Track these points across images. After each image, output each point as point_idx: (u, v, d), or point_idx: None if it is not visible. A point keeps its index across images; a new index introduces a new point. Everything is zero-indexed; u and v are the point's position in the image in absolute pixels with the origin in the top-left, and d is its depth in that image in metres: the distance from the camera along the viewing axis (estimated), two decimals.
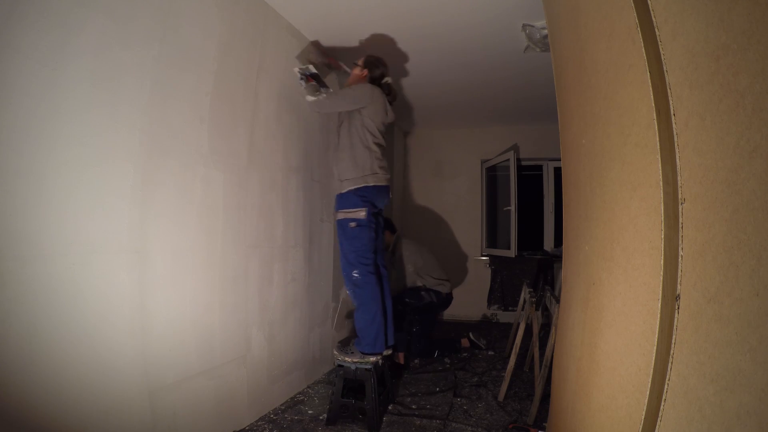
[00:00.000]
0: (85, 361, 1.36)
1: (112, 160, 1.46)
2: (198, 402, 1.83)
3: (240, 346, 2.11)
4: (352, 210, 2.24)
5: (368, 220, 2.25)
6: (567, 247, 1.57)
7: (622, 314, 0.93)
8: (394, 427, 2.17)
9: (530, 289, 3.03)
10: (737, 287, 0.62)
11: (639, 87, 0.84)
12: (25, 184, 1.21)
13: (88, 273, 1.38)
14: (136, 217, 1.54)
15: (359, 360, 2.22)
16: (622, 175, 0.96)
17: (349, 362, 2.23)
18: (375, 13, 2.45)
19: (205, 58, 1.87)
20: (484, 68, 3.24)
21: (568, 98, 1.47)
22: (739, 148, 0.62)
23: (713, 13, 0.66)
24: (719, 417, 0.63)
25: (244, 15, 2.12)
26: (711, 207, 0.67)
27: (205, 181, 1.88)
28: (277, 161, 2.44)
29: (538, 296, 3.01)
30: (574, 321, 1.36)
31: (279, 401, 2.42)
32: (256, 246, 2.23)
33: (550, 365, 2.14)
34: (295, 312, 2.61)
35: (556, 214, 4.82)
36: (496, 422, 2.23)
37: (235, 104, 2.07)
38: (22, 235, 1.20)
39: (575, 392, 1.25)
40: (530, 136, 4.89)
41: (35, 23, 1.22)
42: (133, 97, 1.53)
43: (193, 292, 1.82)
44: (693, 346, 0.69)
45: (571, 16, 1.32)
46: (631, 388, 0.85)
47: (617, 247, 0.98)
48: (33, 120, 1.22)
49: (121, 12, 1.47)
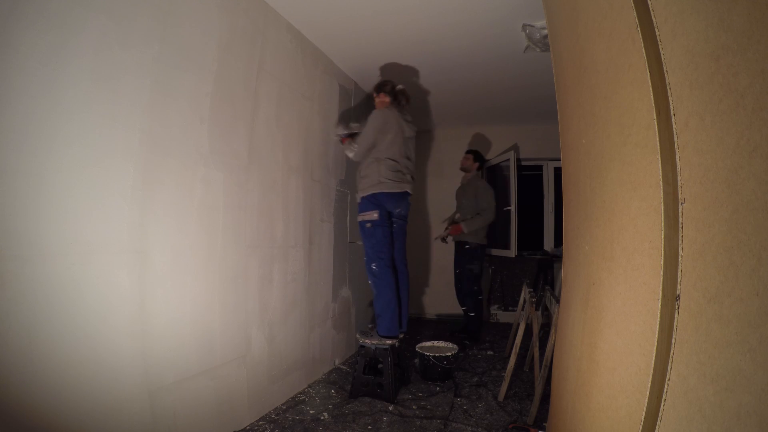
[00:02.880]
0: (85, 361, 1.36)
1: (112, 160, 1.46)
2: (198, 402, 1.83)
3: (240, 346, 2.11)
4: (366, 213, 2.70)
5: (381, 221, 2.67)
6: (567, 247, 1.57)
7: (622, 314, 0.93)
8: (395, 427, 2.17)
9: (530, 289, 3.02)
10: (737, 287, 0.62)
11: (639, 87, 0.84)
12: (25, 183, 1.21)
13: (88, 273, 1.38)
14: (136, 217, 1.54)
15: (378, 342, 2.60)
16: (622, 175, 0.96)
17: (370, 343, 2.61)
18: (375, 13, 2.45)
19: (205, 58, 1.87)
20: (484, 68, 3.23)
21: (568, 98, 1.47)
22: (739, 148, 0.62)
23: (713, 13, 0.66)
24: (719, 417, 0.63)
25: (244, 15, 2.12)
26: (711, 207, 0.67)
27: (205, 181, 1.88)
28: (277, 161, 2.44)
29: (538, 296, 3.01)
30: (574, 321, 1.36)
31: (279, 401, 2.42)
32: (256, 246, 2.23)
33: (550, 365, 2.14)
34: (295, 312, 2.61)
35: (556, 214, 4.81)
36: (496, 422, 2.23)
37: (235, 104, 2.07)
38: (22, 235, 1.20)
39: (575, 392, 1.25)
40: (530, 136, 4.89)
41: (35, 23, 1.22)
42: (133, 97, 1.53)
43: (193, 292, 1.82)
44: (693, 346, 0.69)
45: (571, 16, 1.32)
46: (631, 388, 0.85)
47: (617, 247, 0.98)
48: (33, 120, 1.22)
49: (121, 12, 1.47)
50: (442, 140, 5.22)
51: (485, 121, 4.83)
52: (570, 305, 1.45)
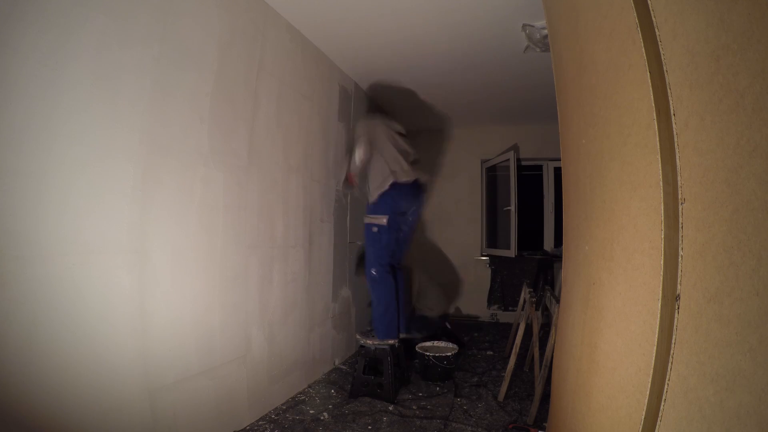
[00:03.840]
0: (85, 362, 1.36)
1: (112, 160, 1.46)
2: (198, 402, 1.83)
3: (240, 347, 2.11)
4: (375, 216, 2.63)
5: (389, 227, 2.62)
6: (567, 247, 1.57)
7: (622, 314, 0.93)
8: (395, 427, 2.17)
9: (530, 289, 3.02)
10: (737, 287, 0.62)
11: (639, 87, 0.84)
12: (25, 183, 1.21)
13: (88, 273, 1.38)
14: (136, 217, 1.54)
15: (379, 342, 2.61)
16: (622, 175, 0.96)
17: (370, 344, 2.62)
18: (374, 13, 2.45)
19: (205, 58, 1.87)
20: (484, 68, 3.23)
21: (568, 98, 1.47)
22: (739, 147, 0.62)
23: (713, 13, 0.66)
24: (719, 417, 0.63)
25: (244, 15, 2.12)
26: (711, 207, 0.67)
27: (205, 181, 1.88)
28: (277, 161, 2.43)
29: (538, 296, 3.01)
30: (574, 321, 1.36)
31: (279, 401, 2.42)
32: (256, 246, 2.23)
33: (550, 365, 2.14)
34: (295, 312, 2.61)
35: (556, 214, 4.81)
36: (496, 422, 2.23)
37: (235, 104, 2.07)
38: (22, 235, 1.20)
39: (575, 392, 1.25)
40: (530, 136, 4.89)
41: (35, 22, 1.22)
42: (133, 97, 1.53)
43: (193, 292, 1.82)
44: (693, 346, 0.69)
45: (571, 16, 1.32)
46: (631, 388, 0.85)
47: (617, 247, 0.98)
48: (32, 119, 1.22)
49: (121, 11, 1.47)
50: (442, 140, 5.22)
51: (485, 121, 4.83)
52: (570, 305, 1.45)
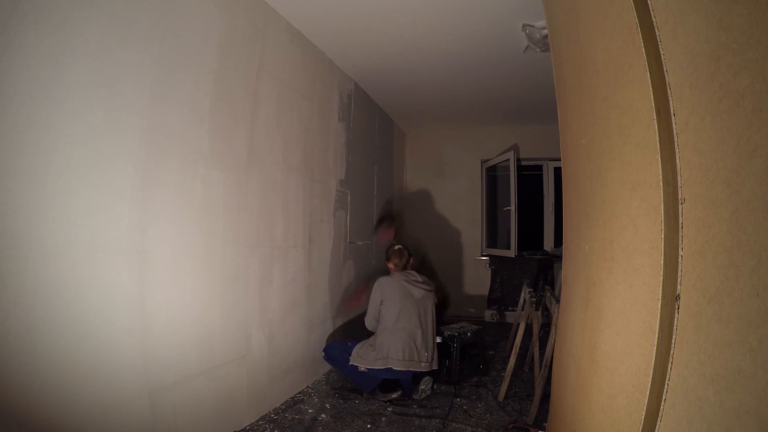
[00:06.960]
0: (85, 361, 1.36)
1: (113, 160, 1.46)
2: (198, 402, 1.83)
3: (240, 346, 2.11)
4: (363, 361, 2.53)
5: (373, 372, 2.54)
6: (567, 247, 1.57)
7: (622, 314, 0.93)
8: (394, 426, 2.17)
9: (530, 289, 3.02)
10: (737, 287, 0.62)
11: (639, 87, 0.84)
12: (27, 184, 1.21)
13: (89, 273, 1.38)
14: (136, 217, 1.54)
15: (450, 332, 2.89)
16: (622, 175, 0.96)
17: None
18: (375, 13, 2.45)
19: (205, 58, 1.87)
20: (484, 68, 3.23)
21: (568, 98, 1.47)
22: (739, 148, 0.62)
23: (713, 13, 0.66)
24: (719, 417, 0.63)
25: (244, 15, 2.12)
26: (711, 207, 0.67)
27: (205, 181, 1.88)
28: (277, 161, 2.44)
29: (538, 296, 3.01)
30: (574, 321, 1.36)
31: (279, 401, 2.42)
32: (256, 246, 2.23)
33: (550, 365, 2.14)
34: (295, 312, 2.61)
35: (556, 214, 4.81)
36: (496, 422, 2.23)
37: (235, 104, 2.07)
38: (23, 236, 1.20)
39: (575, 392, 1.25)
40: (530, 136, 4.89)
41: (36, 24, 1.22)
42: (133, 98, 1.53)
43: (193, 292, 1.82)
44: (693, 346, 0.69)
45: (571, 16, 1.32)
46: (631, 388, 0.85)
47: (617, 247, 0.98)
48: (34, 121, 1.22)
49: (122, 12, 1.47)
50: (442, 140, 5.22)
51: (485, 121, 4.83)
52: (570, 305, 1.45)
